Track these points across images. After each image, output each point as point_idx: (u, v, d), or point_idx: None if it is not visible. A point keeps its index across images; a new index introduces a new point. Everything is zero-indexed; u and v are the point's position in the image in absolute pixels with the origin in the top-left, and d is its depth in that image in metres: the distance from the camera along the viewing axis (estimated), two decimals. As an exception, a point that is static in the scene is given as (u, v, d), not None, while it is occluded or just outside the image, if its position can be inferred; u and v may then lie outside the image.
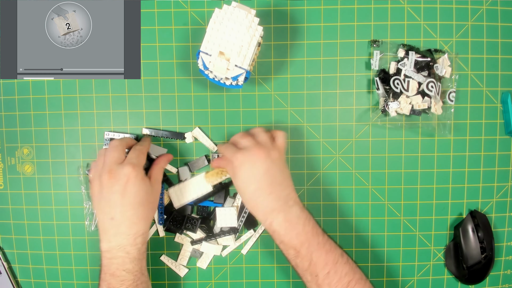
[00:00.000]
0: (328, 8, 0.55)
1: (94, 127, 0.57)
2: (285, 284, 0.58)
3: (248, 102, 0.56)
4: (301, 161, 0.56)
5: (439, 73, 0.53)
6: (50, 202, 0.58)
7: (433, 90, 0.51)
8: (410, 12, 0.55)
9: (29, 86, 0.57)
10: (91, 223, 0.57)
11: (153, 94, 0.56)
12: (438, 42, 0.55)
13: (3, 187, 0.58)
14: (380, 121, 0.55)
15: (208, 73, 0.50)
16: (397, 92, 0.53)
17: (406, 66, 0.53)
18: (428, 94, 0.52)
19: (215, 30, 0.46)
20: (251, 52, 0.47)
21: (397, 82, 0.52)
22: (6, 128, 0.57)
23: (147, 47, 0.56)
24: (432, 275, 0.57)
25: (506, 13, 0.55)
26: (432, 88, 0.51)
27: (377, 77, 0.54)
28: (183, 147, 0.57)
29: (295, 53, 0.56)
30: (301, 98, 0.56)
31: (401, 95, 0.53)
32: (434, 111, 0.53)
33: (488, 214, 0.57)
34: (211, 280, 0.58)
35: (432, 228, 0.57)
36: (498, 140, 0.56)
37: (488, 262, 0.55)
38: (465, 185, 0.57)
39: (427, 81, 0.52)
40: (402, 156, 0.56)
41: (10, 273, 0.58)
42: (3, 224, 0.58)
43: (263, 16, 0.55)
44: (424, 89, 0.52)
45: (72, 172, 0.57)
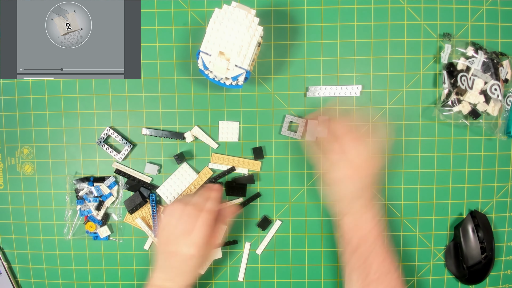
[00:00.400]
0: (328, 8, 0.55)
1: (94, 127, 0.57)
2: (285, 284, 0.58)
3: (248, 102, 0.56)
4: (301, 161, 0.56)
5: (503, 76, 0.53)
6: (50, 202, 0.58)
7: (496, 92, 0.52)
8: (410, 12, 0.55)
9: (29, 86, 0.57)
10: (69, 231, 0.57)
11: (153, 94, 0.56)
12: (438, 42, 0.55)
13: (3, 187, 0.58)
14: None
15: (208, 73, 0.50)
16: (463, 88, 0.53)
17: (474, 64, 0.53)
18: (489, 96, 0.52)
19: (215, 30, 0.46)
20: (251, 52, 0.47)
21: (464, 79, 0.52)
22: (6, 128, 0.57)
23: (147, 47, 0.56)
24: (432, 275, 0.57)
25: (506, 13, 0.55)
26: (495, 91, 0.52)
27: (445, 70, 0.54)
28: (183, 147, 0.57)
29: (295, 53, 0.56)
30: (301, 98, 0.56)
31: (465, 93, 0.53)
32: (491, 112, 0.53)
33: (488, 214, 0.57)
34: (210, 280, 0.58)
35: (432, 228, 0.57)
36: (498, 140, 0.56)
37: (488, 262, 0.55)
38: (465, 185, 0.57)
39: (491, 83, 0.52)
40: (402, 156, 0.56)
41: (10, 273, 0.58)
42: (3, 224, 0.58)
43: (263, 16, 0.55)
44: (488, 90, 0.52)
45: (72, 172, 0.57)
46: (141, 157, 0.57)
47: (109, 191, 0.56)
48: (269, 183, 0.57)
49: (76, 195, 0.56)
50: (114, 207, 0.57)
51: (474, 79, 0.52)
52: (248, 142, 0.56)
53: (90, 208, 0.56)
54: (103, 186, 0.56)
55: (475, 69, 0.53)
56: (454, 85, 0.53)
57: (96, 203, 0.56)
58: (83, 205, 0.56)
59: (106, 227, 0.57)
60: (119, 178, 0.57)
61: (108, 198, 0.56)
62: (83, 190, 0.56)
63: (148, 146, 0.57)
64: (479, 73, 0.53)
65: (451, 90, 0.53)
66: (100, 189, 0.56)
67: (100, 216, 0.56)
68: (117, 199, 0.57)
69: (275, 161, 0.57)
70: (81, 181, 0.56)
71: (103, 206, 0.56)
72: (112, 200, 0.56)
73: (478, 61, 0.52)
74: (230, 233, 0.57)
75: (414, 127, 0.56)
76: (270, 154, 0.57)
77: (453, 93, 0.53)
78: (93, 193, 0.56)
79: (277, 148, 0.56)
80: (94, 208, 0.56)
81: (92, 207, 0.56)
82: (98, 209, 0.56)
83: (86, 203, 0.56)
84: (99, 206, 0.56)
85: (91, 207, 0.56)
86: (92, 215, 0.56)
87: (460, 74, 0.53)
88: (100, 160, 0.57)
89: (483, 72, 0.53)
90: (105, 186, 0.56)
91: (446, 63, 0.54)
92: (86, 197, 0.56)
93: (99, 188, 0.56)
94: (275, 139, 0.56)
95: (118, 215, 0.57)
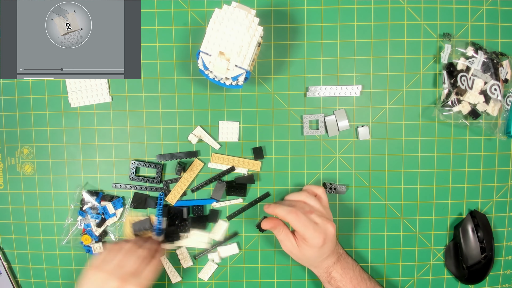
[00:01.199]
0: (328, 8, 0.55)
1: (94, 127, 0.57)
2: (285, 284, 0.58)
3: (248, 102, 0.56)
4: (301, 161, 0.56)
5: (502, 76, 0.53)
6: (50, 202, 0.58)
7: (496, 92, 0.52)
8: (410, 12, 0.55)
9: (29, 86, 0.57)
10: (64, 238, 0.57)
11: (153, 94, 0.56)
12: (438, 42, 0.55)
13: (3, 187, 0.58)
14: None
15: (208, 73, 0.50)
16: (462, 89, 0.53)
17: (474, 64, 0.53)
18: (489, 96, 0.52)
19: (215, 30, 0.46)
20: (251, 52, 0.47)
21: (464, 79, 0.52)
22: (6, 128, 0.57)
23: (147, 47, 0.56)
24: (432, 275, 0.57)
25: (506, 13, 0.55)
26: (495, 91, 0.52)
27: (445, 70, 0.54)
28: (183, 147, 0.57)
29: (295, 53, 0.56)
30: (301, 98, 0.56)
31: (465, 93, 0.53)
32: (491, 112, 0.53)
33: (488, 214, 0.57)
34: (211, 280, 0.58)
35: (432, 228, 0.57)
36: (498, 140, 0.56)
37: (488, 262, 0.55)
38: (465, 185, 0.57)
39: (491, 83, 0.52)
40: (402, 156, 0.56)
41: (10, 273, 0.58)
42: (3, 224, 0.58)
43: (263, 16, 0.55)
44: (487, 90, 0.52)
45: (72, 172, 0.57)
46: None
47: (113, 211, 0.56)
48: (269, 183, 0.57)
49: (80, 207, 0.56)
50: (115, 227, 0.57)
51: (474, 79, 0.52)
52: (248, 142, 0.56)
53: (90, 223, 0.56)
54: (110, 206, 0.55)
55: (475, 69, 0.53)
56: (454, 85, 0.53)
57: (97, 220, 0.56)
58: (84, 218, 0.56)
59: (100, 244, 0.56)
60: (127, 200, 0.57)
61: (111, 218, 0.56)
62: (87, 204, 0.56)
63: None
64: (479, 73, 0.53)
65: (451, 90, 0.53)
66: (106, 209, 0.56)
67: (98, 233, 0.56)
68: (120, 220, 0.57)
69: (275, 161, 0.57)
70: (89, 193, 0.56)
71: (103, 224, 0.56)
72: (114, 220, 0.56)
73: (478, 61, 0.52)
74: (229, 232, 0.57)
75: (414, 127, 0.56)
76: (270, 154, 0.57)
77: (453, 93, 0.53)
78: (97, 209, 0.56)
79: (277, 148, 0.56)
80: (95, 224, 0.56)
81: (92, 223, 0.56)
82: (98, 226, 0.56)
83: (88, 217, 0.56)
84: (100, 223, 0.56)
85: (92, 223, 0.56)
86: (90, 229, 0.56)
87: (460, 74, 0.53)
88: (100, 160, 0.57)
89: (483, 72, 0.53)
90: (111, 206, 0.56)
91: (446, 63, 0.54)
92: (89, 211, 0.56)
93: (105, 207, 0.56)
94: (275, 139, 0.56)
95: (116, 236, 0.57)
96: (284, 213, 0.48)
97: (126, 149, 0.57)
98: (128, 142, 0.57)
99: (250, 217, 0.57)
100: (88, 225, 0.56)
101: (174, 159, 0.56)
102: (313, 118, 0.56)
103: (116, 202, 0.56)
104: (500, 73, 0.53)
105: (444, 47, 0.54)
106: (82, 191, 0.56)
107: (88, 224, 0.56)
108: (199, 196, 0.57)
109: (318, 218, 0.48)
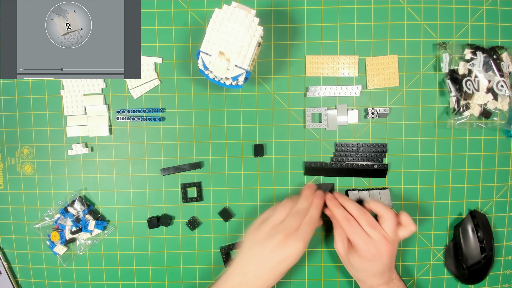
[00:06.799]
0: (328, 8, 0.55)
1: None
2: (285, 284, 0.58)
3: (248, 102, 0.56)
4: (301, 161, 0.57)
5: (505, 70, 0.53)
6: (50, 202, 0.58)
7: (503, 88, 0.52)
8: (410, 12, 0.55)
9: (29, 86, 0.57)
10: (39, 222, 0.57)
11: (153, 94, 0.56)
12: (438, 42, 0.55)
13: (3, 187, 0.58)
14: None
15: (208, 73, 0.50)
16: (470, 93, 0.53)
17: (475, 66, 0.53)
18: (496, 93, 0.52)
19: (215, 30, 0.46)
20: (251, 52, 0.47)
21: (469, 83, 0.52)
22: (6, 128, 0.58)
23: (147, 47, 0.56)
24: (432, 275, 0.57)
25: (506, 13, 0.55)
26: (502, 87, 0.52)
27: (448, 78, 0.54)
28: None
29: (295, 53, 0.56)
30: (301, 98, 0.56)
31: (473, 96, 0.53)
32: (502, 107, 0.53)
33: (488, 214, 0.57)
34: (211, 280, 0.58)
35: (432, 228, 0.57)
36: (498, 140, 0.56)
37: (488, 262, 0.55)
38: (465, 185, 0.57)
39: (496, 81, 0.52)
40: (402, 156, 0.56)
41: (10, 273, 0.58)
42: (3, 224, 0.58)
43: (263, 16, 0.55)
44: (494, 87, 0.52)
45: (72, 172, 0.57)
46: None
47: (92, 229, 0.56)
48: (269, 183, 0.57)
49: (65, 207, 0.56)
50: (84, 242, 0.57)
51: (478, 81, 0.53)
52: (248, 142, 0.56)
53: (66, 226, 0.56)
54: (92, 223, 0.56)
55: (477, 70, 0.53)
56: (460, 90, 0.53)
57: (74, 228, 0.56)
58: (65, 220, 0.56)
59: (65, 248, 0.57)
60: (110, 226, 0.57)
61: (86, 232, 0.56)
62: (74, 210, 0.56)
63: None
64: (482, 73, 0.53)
65: (459, 97, 0.53)
66: (87, 223, 0.56)
67: (68, 237, 0.57)
68: (93, 240, 0.57)
69: (275, 161, 0.57)
70: (81, 203, 0.56)
71: (77, 234, 0.56)
72: (87, 236, 0.57)
73: (478, 62, 0.52)
74: (230, 233, 0.58)
75: (414, 127, 0.56)
76: (270, 154, 0.57)
77: (461, 99, 0.53)
78: (79, 219, 0.56)
79: (277, 148, 0.56)
80: (69, 229, 0.56)
81: (68, 227, 0.56)
82: (72, 233, 0.56)
83: (67, 220, 0.56)
84: (74, 232, 0.56)
85: (67, 226, 0.56)
86: (63, 231, 0.56)
87: (465, 79, 0.53)
88: (100, 160, 0.57)
89: (485, 72, 0.53)
90: (93, 223, 0.56)
91: (448, 71, 0.54)
92: (71, 216, 0.56)
93: (87, 222, 0.56)
94: (275, 139, 0.56)
95: (81, 250, 0.57)
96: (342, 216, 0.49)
97: (126, 149, 0.57)
98: (128, 142, 0.57)
99: (250, 217, 0.57)
100: (63, 227, 0.56)
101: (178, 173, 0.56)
102: (316, 111, 0.56)
103: (99, 224, 0.56)
104: (503, 68, 0.53)
105: (442, 56, 0.54)
106: (78, 197, 0.56)
107: (64, 225, 0.56)
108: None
109: (378, 235, 0.47)
